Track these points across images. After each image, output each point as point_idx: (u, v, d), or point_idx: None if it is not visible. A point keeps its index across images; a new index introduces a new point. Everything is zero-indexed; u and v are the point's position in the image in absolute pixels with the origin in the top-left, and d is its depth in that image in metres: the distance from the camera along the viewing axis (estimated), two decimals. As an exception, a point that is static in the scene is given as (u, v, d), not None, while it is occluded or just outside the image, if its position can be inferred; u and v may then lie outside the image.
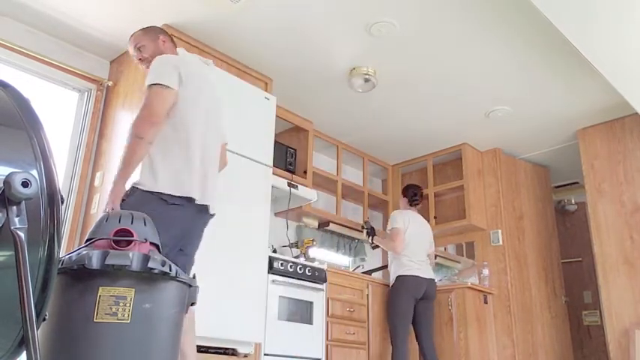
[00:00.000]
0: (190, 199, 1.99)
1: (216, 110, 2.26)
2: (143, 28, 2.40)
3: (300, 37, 3.35)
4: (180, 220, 1.98)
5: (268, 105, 3.48)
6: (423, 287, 3.89)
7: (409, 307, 3.84)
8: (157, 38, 2.33)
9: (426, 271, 3.95)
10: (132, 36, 2.38)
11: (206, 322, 2.76)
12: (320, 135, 4.61)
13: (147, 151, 1.98)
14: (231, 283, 2.95)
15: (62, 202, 0.91)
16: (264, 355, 3.12)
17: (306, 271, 3.50)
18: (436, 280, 4.06)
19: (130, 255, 1.36)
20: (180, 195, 1.96)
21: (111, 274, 1.35)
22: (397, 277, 3.91)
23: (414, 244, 3.99)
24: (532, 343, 4.33)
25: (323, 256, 4.63)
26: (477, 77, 3.72)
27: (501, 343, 4.24)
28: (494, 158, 4.81)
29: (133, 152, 1.93)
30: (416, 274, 3.88)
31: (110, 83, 3.54)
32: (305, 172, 4.29)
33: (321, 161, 4.89)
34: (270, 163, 3.39)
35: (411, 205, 4.20)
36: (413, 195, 4.20)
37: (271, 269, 3.28)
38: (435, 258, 4.30)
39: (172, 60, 2.14)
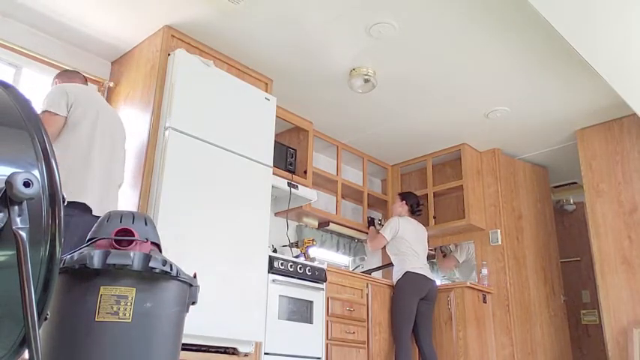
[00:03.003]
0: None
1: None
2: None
3: (301, 38, 3.36)
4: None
5: (268, 105, 3.48)
6: (427, 287, 3.97)
7: (413, 307, 3.91)
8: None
9: (429, 273, 4.04)
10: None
11: (207, 321, 2.77)
12: (320, 135, 4.62)
13: None
14: (232, 282, 2.96)
15: (64, 202, 0.92)
16: (265, 354, 3.14)
17: (306, 270, 3.51)
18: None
19: (131, 255, 1.37)
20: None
21: (112, 273, 1.36)
22: (405, 273, 3.98)
23: (417, 246, 4.09)
24: (531, 342, 4.34)
25: (323, 255, 4.64)
26: (476, 78, 3.73)
27: (500, 342, 4.25)
28: (493, 158, 4.82)
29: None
30: (421, 273, 3.97)
31: (111, 84, 3.54)
32: (305, 172, 4.30)
33: (321, 161, 4.90)
34: (270, 163, 3.40)
35: (413, 213, 4.36)
36: (417, 205, 4.38)
37: (271, 269, 3.29)
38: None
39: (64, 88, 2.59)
